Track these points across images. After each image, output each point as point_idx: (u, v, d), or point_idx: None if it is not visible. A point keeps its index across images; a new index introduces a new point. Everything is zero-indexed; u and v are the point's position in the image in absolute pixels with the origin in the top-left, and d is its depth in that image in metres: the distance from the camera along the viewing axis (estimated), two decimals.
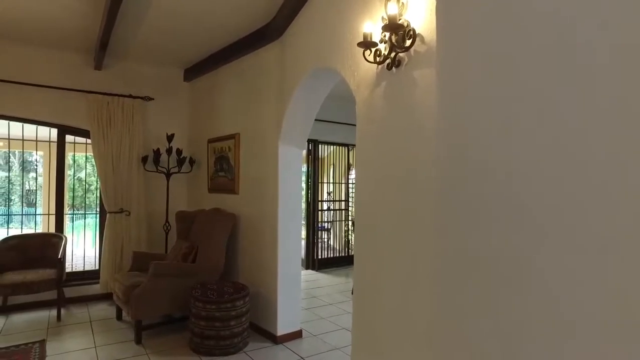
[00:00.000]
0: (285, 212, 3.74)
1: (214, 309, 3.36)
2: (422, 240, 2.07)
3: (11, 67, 4.38)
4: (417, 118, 2.11)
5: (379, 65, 2.31)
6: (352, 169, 7.69)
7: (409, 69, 2.15)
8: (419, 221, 2.09)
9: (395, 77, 2.24)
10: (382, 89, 2.31)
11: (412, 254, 2.14)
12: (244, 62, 4.30)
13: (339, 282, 6.13)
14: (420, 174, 2.09)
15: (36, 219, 6.84)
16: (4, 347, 3.48)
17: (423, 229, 2.06)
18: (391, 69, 2.24)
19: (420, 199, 2.09)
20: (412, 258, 2.13)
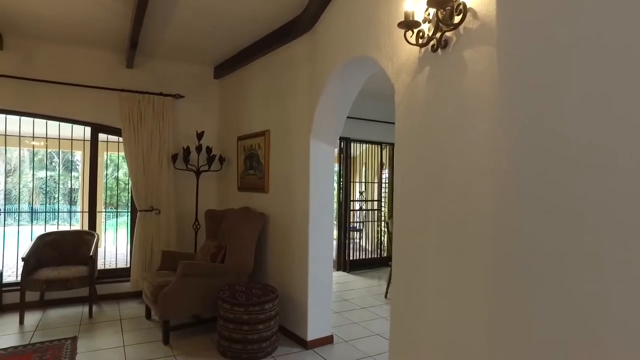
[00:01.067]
0: (317, 212, 3.58)
1: (241, 312, 3.24)
2: (477, 244, 1.83)
3: (48, 67, 4.46)
4: (468, 106, 1.87)
5: (421, 47, 2.09)
6: (385, 168, 7.47)
7: (458, 50, 1.92)
8: (473, 223, 1.85)
9: (441, 60, 2.02)
10: (426, 74, 2.09)
11: (463, 259, 1.91)
12: (274, 57, 4.18)
13: (372, 285, 5.92)
14: (475, 171, 1.85)
15: (73, 217, 7.01)
16: (39, 342, 3.54)
17: (477, 232, 1.83)
18: (436, 51, 2.02)
19: (474, 198, 1.85)
20: (463, 264, 1.91)
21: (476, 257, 1.83)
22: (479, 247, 1.82)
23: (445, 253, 2.00)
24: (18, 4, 3.59)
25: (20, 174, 5.85)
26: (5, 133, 4.74)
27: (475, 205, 1.84)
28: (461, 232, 1.91)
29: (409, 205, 2.28)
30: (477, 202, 1.83)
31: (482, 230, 1.80)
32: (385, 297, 5.16)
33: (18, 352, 3.33)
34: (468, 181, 1.88)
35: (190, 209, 5.07)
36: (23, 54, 4.38)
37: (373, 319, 4.39)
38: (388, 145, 7.32)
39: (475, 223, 1.84)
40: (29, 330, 3.83)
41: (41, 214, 5.70)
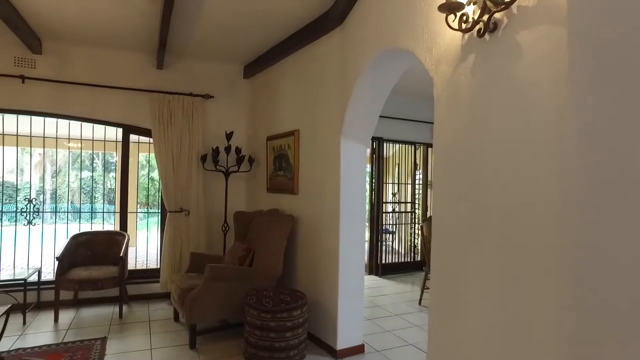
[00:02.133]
0: (348, 214, 3.41)
1: (268, 319, 3.11)
2: (538, 262, 1.58)
3: (82, 70, 4.54)
4: (524, 99, 1.63)
5: (465, 33, 1.88)
6: (418, 169, 7.20)
7: (510, 33, 1.68)
8: (532, 237, 1.60)
9: (489, 46, 1.79)
10: (470, 63, 1.87)
11: (520, 277, 1.66)
12: (303, 55, 4.05)
13: (405, 290, 5.68)
14: (535, 175, 1.59)
15: (111, 216, 7.16)
16: (70, 341, 3.57)
17: (538, 247, 1.58)
18: (483, 36, 1.80)
19: (532, 207, 1.60)
20: (520, 284, 1.66)
21: (537, 276, 1.58)
22: (541, 264, 1.56)
23: (496, 267, 1.77)
24: (56, 9, 3.66)
25: (56, 174, 6.02)
26: (44, 135, 4.84)
27: (534, 216, 1.59)
28: (516, 247, 1.67)
29: (451, 211, 2.06)
30: (537, 212, 1.57)
31: (544, 244, 1.55)
32: (419, 304, 4.92)
33: (51, 351, 3.36)
34: (525, 187, 1.64)
35: (219, 210, 5.02)
36: (59, 58, 4.47)
37: (407, 327, 4.17)
38: (422, 146, 7.06)
39: (535, 237, 1.58)
40: (62, 329, 3.87)
41: (77, 213, 5.83)
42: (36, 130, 4.87)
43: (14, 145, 4.85)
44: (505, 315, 1.71)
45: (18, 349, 3.37)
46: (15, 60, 4.32)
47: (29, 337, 3.67)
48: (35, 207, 4.84)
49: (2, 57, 4.26)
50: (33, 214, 4.81)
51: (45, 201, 9.23)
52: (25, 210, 4.79)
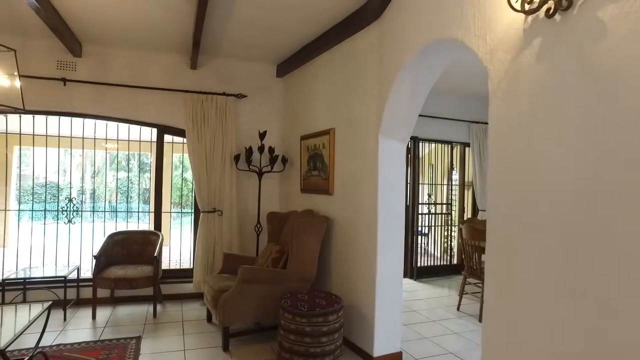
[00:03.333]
0: (386, 216, 3.26)
1: (304, 323, 3.01)
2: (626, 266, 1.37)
3: (119, 71, 4.61)
4: (609, 85, 1.39)
5: (528, 15, 1.69)
6: (454, 170, 6.95)
7: (591, 10, 1.47)
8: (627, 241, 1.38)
9: (560, 27, 1.58)
10: (535, 49, 1.69)
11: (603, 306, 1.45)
12: (339, 51, 3.93)
13: (441, 295, 5.46)
14: (632, 179, 1.35)
15: (147, 216, 7.29)
16: (107, 339, 3.60)
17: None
18: (552, 17, 1.60)
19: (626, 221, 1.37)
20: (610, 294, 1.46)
21: (625, 291, 1.36)
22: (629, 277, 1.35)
23: (570, 288, 1.57)
24: (96, 14, 3.74)
25: (95, 175, 6.18)
26: (82, 136, 4.95)
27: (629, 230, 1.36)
28: (604, 272, 1.45)
29: (511, 218, 1.86)
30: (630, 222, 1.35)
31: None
32: (457, 310, 4.70)
33: (89, 348, 3.41)
34: (616, 194, 1.40)
35: (252, 210, 4.98)
36: (98, 61, 4.55)
37: (445, 334, 3.98)
38: (458, 145, 6.81)
39: (626, 249, 1.36)
40: (99, 326, 3.92)
41: (114, 212, 5.96)
42: (76, 132, 4.98)
43: (56, 147, 4.99)
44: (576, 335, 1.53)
45: (59, 345, 3.45)
46: (58, 64, 4.43)
47: (69, 333, 3.73)
48: (74, 206, 4.96)
49: (47, 61, 4.39)
50: (73, 212, 4.92)
51: (85, 201, 9.55)
52: (65, 209, 4.91)
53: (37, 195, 10.00)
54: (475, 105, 6.57)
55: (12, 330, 2.58)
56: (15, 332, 2.52)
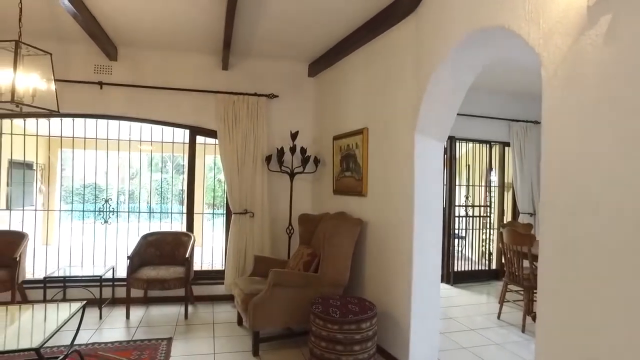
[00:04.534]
0: (423, 219, 3.10)
1: (335, 330, 2.90)
2: None
3: (154, 74, 4.67)
4: None
5: None
6: (493, 170, 6.64)
7: None
8: None
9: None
10: (603, 28, 1.48)
11: None
12: (372, 48, 3.80)
13: (480, 302, 5.21)
14: None
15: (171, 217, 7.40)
16: (139, 340, 3.62)
17: None
18: None
19: None
20: None
21: None
22: None
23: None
24: (131, 18, 3.80)
25: (130, 176, 6.33)
26: (118, 138, 5.05)
27: None
28: None
29: (570, 224, 1.66)
30: None
31: None
32: (498, 318, 4.45)
33: (122, 348, 3.43)
34: None
35: (284, 212, 4.91)
36: (133, 64, 4.63)
37: (485, 344, 3.76)
38: (497, 145, 6.50)
39: None
40: (133, 326, 3.95)
41: (148, 213, 6.07)
42: (112, 135, 5.09)
43: (94, 149, 5.11)
44: None
45: (94, 343, 3.50)
46: (95, 68, 4.54)
47: (104, 332, 3.79)
48: (110, 207, 5.06)
49: (85, 66, 4.51)
50: (109, 213, 5.02)
51: (124, 201, 9.83)
52: (102, 209, 5.02)
53: (78, 196, 10.39)
54: (515, 103, 6.26)
55: (48, 329, 2.61)
56: (50, 332, 2.54)
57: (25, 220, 4.90)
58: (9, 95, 2.69)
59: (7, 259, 4.07)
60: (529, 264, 4.16)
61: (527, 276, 4.21)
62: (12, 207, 5.61)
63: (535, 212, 6.21)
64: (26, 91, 2.82)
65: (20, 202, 6.31)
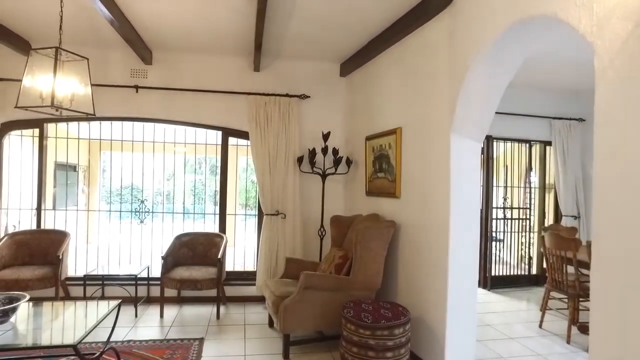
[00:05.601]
0: (459, 221, 2.96)
1: (367, 335, 2.81)
2: None
3: (187, 76, 4.75)
4: None
5: None
6: (533, 171, 6.34)
7: None
8: None
9: None
10: None
11: None
12: (405, 45, 3.69)
13: (520, 309, 4.97)
14: None
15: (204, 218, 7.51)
16: (172, 339, 3.67)
17: None
18: None
19: None
20: None
21: None
22: None
23: None
24: (165, 22, 3.88)
25: (164, 178, 6.49)
26: (153, 140, 5.17)
27: None
28: None
29: (629, 230, 1.51)
30: None
31: None
32: (539, 327, 4.21)
33: (155, 346, 3.49)
34: None
35: (316, 214, 4.87)
36: (167, 67, 4.73)
37: (526, 355, 3.57)
38: (538, 144, 6.20)
39: None
40: (166, 325, 4.02)
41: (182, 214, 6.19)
42: (148, 137, 5.21)
43: (130, 151, 5.25)
44: None
45: (130, 341, 3.58)
46: (131, 72, 4.66)
47: (139, 330, 3.87)
48: (146, 207, 5.18)
49: (121, 70, 4.64)
50: (144, 214, 5.15)
51: (158, 202, 10.10)
52: (138, 210, 5.16)
53: (117, 197, 10.78)
54: (558, 99, 5.96)
55: (84, 326, 2.68)
56: (87, 329, 2.61)
57: (67, 219, 5.09)
58: (49, 100, 2.78)
59: (51, 256, 4.25)
60: (574, 270, 3.92)
61: (572, 283, 3.96)
62: (57, 207, 5.85)
63: (580, 215, 5.87)
64: (65, 96, 2.90)
65: (64, 203, 6.59)
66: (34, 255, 4.37)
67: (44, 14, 3.69)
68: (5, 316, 2.66)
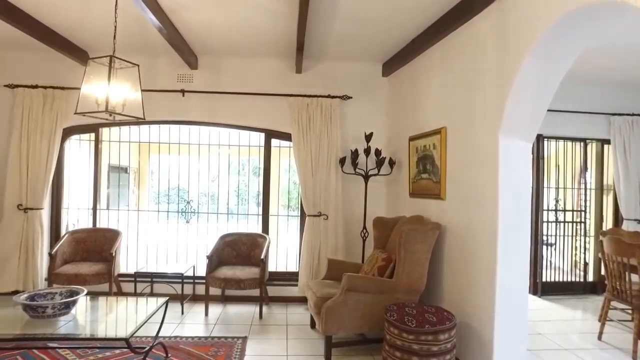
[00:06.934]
0: (508, 224, 2.83)
1: (411, 340, 2.74)
2: None
3: (229, 80, 4.87)
4: None
5: None
6: (589, 171, 5.96)
7: None
8: None
9: None
10: None
11: None
12: (450, 42, 3.59)
13: (574, 318, 4.68)
14: None
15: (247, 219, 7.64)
16: (216, 337, 3.76)
17: None
18: None
19: None
20: None
21: None
22: None
23: None
24: (210, 28, 3.99)
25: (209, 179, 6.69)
26: (199, 142, 5.33)
27: None
28: None
29: None
30: None
31: None
32: (598, 339, 3.93)
33: (200, 343, 3.58)
34: None
35: (358, 215, 4.83)
36: (211, 71, 4.87)
37: None
38: (594, 142, 5.83)
39: None
40: (211, 323, 4.12)
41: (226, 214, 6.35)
42: (194, 139, 5.38)
43: (177, 153, 5.45)
44: None
45: (177, 337, 3.70)
46: (178, 77, 4.84)
47: (186, 327, 3.99)
48: (191, 208, 5.35)
49: (169, 76, 4.84)
50: (190, 214, 5.32)
51: (202, 203, 10.41)
52: (184, 210, 5.33)
53: (165, 198, 11.22)
54: (617, 94, 5.56)
55: (135, 321, 2.81)
56: (138, 324, 2.73)
57: (119, 219, 5.36)
58: (104, 106, 2.93)
59: (106, 253, 4.48)
60: (639, 278, 3.64)
61: (637, 293, 3.67)
62: (110, 207, 6.17)
63: None
64: (118, 101, 3.05)
65: (116, 203, 6.95)
66: (90, 251, 4.63)
67: (100, 25, 3.90)
68: (67, 308, 2.86)
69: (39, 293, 2.99)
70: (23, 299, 2.83)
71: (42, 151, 4.55)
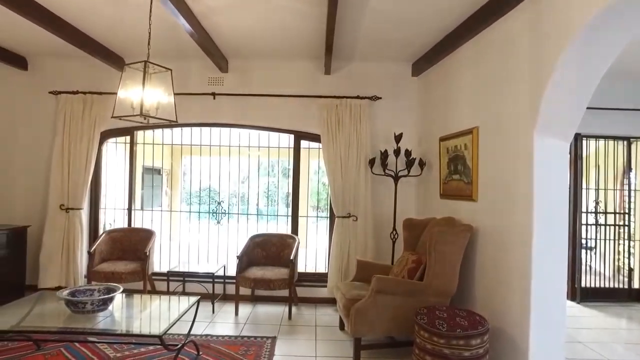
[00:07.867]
0: (544, 227, 2.73)
1: (442, 344, 2.69)
2: None
3: (259, 82, 4.93)
4: None
5: None
6: (633, 171, 5.67)
7: None
8: None
9: None
10: None
11: None
12: (482, 40, 3.50)
13: (617, 327, 4.46)
14: None
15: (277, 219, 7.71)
16: (246, 336, 3.81)
17: None
18: None
19: None
20: None
21: None
22: None
23: None
24: (239, 31, 4.06)
25: (240, 180, 6.82)
26: (229, 144, 5.42)
27: None
28: None
29: None
30: None
31: None
32: None
33: (230, 342, 3.63)
34: None
35: (388, 216, 4.78)
36: (241, 74, 4.95)
37: None
38: (638, 141, 5.53)
39: None
40: (240, 322, 4.18)
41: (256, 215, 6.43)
42: (224, 141, 5.48)
43: (208, 155, 5.56)
44: None
45: (207, 335, 3.77)
46: (209, 80, 4.94)
47: (216, 326, 4.06)
48: (222, 208, 5.45)
49: (200, 79, 4.95)
50: (221, 214, 5.42)
51: (232, 204, 10.58)
52: (215, 211, 5.43)
53: (196, 198, 11.49)
54: None
55: (168, 319, 2.88)
56: (171, 322, 2.80)
57: (153, 219, 5.52)
58: (139, 109, 3.03)
59: (140, 252, 4.63)
60: None
61: None
62: (144, 207, 6.37)
63: None
64: (152, 105, 3.14)
65: (150, 203, 7.17)
66: (125, 250, 4.79)
67: (135, 32, 4.04)
68: (105, 304, 2.99)
69: (79, 289, 3.14)
70: (65, 295, 2.99)
71: (81, 154, 4.75)
